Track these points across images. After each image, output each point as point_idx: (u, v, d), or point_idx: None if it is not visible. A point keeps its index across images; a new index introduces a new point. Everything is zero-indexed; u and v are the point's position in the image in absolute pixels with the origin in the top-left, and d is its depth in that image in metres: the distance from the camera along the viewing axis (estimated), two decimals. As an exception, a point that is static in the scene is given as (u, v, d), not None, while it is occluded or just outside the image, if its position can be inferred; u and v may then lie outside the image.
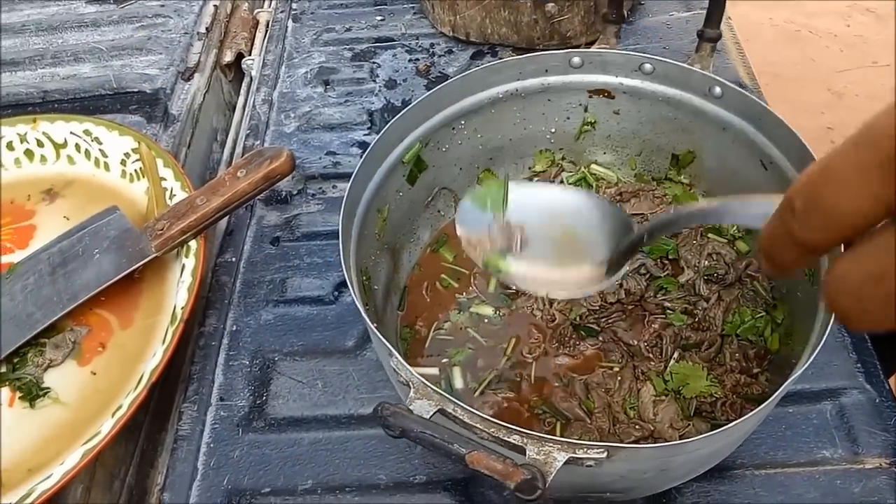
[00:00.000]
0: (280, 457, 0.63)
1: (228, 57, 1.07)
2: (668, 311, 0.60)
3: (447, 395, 0.44)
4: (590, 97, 0.67)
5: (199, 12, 1.08)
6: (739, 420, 0.43)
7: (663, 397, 0.55)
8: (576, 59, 0.64)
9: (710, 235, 0.64)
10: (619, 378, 0.58)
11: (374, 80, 0.95)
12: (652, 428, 0.54)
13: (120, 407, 0.62)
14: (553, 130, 0.71)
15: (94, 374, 0.68)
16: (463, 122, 0.67)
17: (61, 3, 1.13)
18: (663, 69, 0.62)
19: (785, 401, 0.61)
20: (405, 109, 0.63)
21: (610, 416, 0.56)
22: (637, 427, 0.55)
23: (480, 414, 0.43)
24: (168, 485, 0.63)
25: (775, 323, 0.59)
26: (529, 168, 0.73)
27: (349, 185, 0.58)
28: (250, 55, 1.07)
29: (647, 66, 0.62)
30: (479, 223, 0.48)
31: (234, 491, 0.61)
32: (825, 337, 0.46)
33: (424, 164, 0.67)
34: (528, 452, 0.41)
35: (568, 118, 0.69)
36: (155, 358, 0.64)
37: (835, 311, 0.28)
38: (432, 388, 0.44)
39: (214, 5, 1.10)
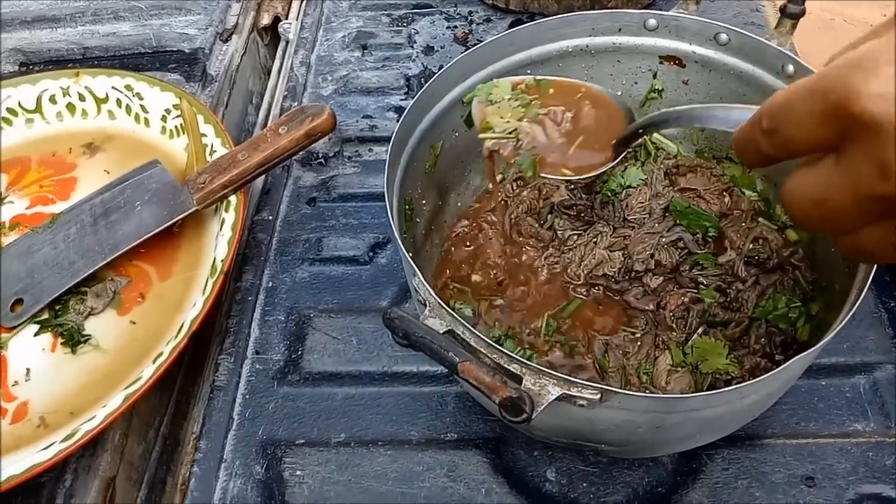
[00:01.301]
0: (314, 410, 0.64)
1: (266, 20, 1.07)
2: (702, 286, 0.59)
3: (458, 318, 0.45)
4: (660, 63, 0.66)
5: (238, -26, 1.08)
6: (745, 384, 0.43)
7: (679, 368, 0.55)
8: (651, 21, 0.63)
9: (760, 220, 0.63)
10: (638, 343, 0.58)
11: (412, 46, 0.95)
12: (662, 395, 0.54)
13: (160, 354, 0.63)
14: (619, 93, 0.68)
15: (134, 323, 0.70)
16: (529, 72, 0.65)
17: (101, -39, 1.14)
18: (739, 41, 0.61)
19: (818, 373, 0.61)
20: (473, 48, 0.62)
21: (623, 378, 0.56)
22: (647, 392, 0.55)
23: (486, 339, 0.44)
24: (204, 433, 0.64)
25: (809, 315, 0.58)
26: None
27: (405, 113, 0.58)
28: (287, 19, 1.07)
29: (723, 37, 0.61)
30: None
31: (269, 441, 0.63)
32: (857, 304, 0.46)
33: None
34: (524, 381, 0.42)
35: (636, 83, 0.68)
36: (195, 308, 0.65)
37: (791, 217, 0.36)
38: (446, 310, 0.45)
39: (252, -33, 1.10)
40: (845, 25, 2.65)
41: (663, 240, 0.62)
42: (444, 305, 0.45)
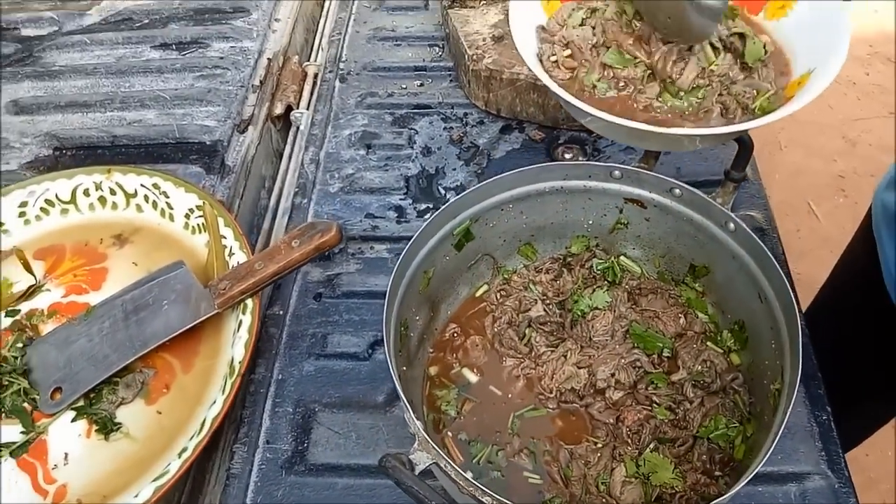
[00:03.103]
0: (317, 498, 0.74)
1: (279, 109, 1.17)
2: (655, 404, 0.69)
3: (442, 454, 0.54)
4: (625, 203, 0.76)
5: (255, 65, 1.18)
6: None
7: (633, 480, 0.65)
8: (616, 172, 0.73)
9: (708, 343, 0.73)
10: (598, 454, 0.67)
11: (412, 147, 1.05)
12: (616, 504, 0.64)
13: (185, 449, 0.72)
14: (591, 222, 0.79)
15: (160, 413, 0.79)
16: (511, 206, 0.76)
17: (129, 47, 1.24)
18: (689, 196, 0.71)
19: (755, 481, 0.70)
20: (462, 194, 0.72)
21: (583, 487, 0.66)
22: (604, 501, 0.64)
23: (464, 474, 0.53)
24: (220, 516, 0.73)
25: (745, 435, 0.67)
26: (566, 248, 0.82)
27: (401, 256, 0.67)
28: (298, 107, 1.17)
29: (676, 191, 0.71)
30: None
31: (277, 526, 0.72)
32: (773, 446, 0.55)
33: (472, 236, 0.77)
34: None
35: (605, 215, 0.78)
36: (215, 406, 0.74)
37: None
38: (432, 444, 0.55)
39: (268, 58, 1.20)
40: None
41: (623, 360, 0.71)
42: (430, 441, 0.55)
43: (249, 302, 0.82)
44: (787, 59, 0.66)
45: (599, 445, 0.69)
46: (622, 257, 0.79)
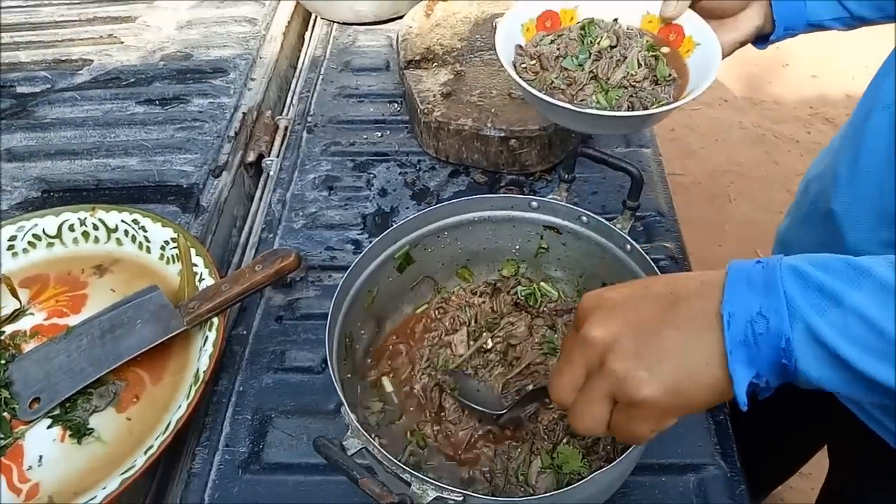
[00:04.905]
0: (270, 493, 0.81)
1: (251, 157, 1.28)
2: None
3: (370, 439, 0.63)
4: (544, 230, 0.87)
5: (230, 118, 1.31)
6: (572, 487, 0.62)
7: (547, 470, 0.74)
8: (534, 203, 0.85)
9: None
10: (519, 450, 0.76)
11: (370, 189, 1.17)
12: (531, 492, 0.72)
13: (151, 447, 0.80)
14: (517, 247, 0.90)
15: (129, 419, 0.87)
16: (446, 233, 0.87)
17: (115, 102, 1.36)
18: (595, 223, 0.82)
19: (659, 471, 0.79)
20: (402, 222, 0.83)
21: (505, 478, 0.74)
22: (521, 489, 0.73)
23: (388, 455, 0.62)
24: (181, 511, 0.81)
25: None
26: (499, 271, 0.93)
27: (345, 275, 0.77)
28: (269, 155, 1.29)
29: (584, 219, 0.83)
30: None
31: (233, 518, 0.79)
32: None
33: (412, 260, 0.87)
34: (411, 485, 0.60)
35: (528, 241, 0.89)
36: (180, 409, 0.83)
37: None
38: (361, 431, 0.64)
39: (243, 112, 1.33)
40: (775, 140, 2.97)
41: (538, 376, 0.81)
42: (361, 428, 0.64)
43: (216, 320, 0.91)
44: (683, 83, 0.87)
45: (519, 442, 0.78)
46: (542, 283, 0.90)
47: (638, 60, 0.87)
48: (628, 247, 0.79)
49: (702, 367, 0.50)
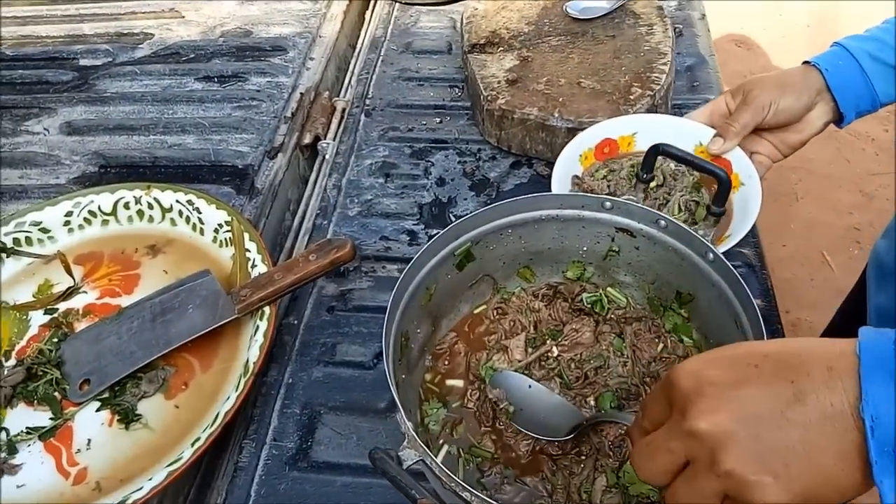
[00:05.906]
0: (317, 493, 0.78)
1: (307, 139, 1.25)
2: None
3: (428, 451, 0.59)
4: (616, 232, 0.81)
5: (288, 98, 1.28)
6: None
7: (613, 490, 0.68)
8: (607, 204, 0.79)
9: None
10: (582, 466, 0.71)
11: (427, 177, 1.12)
12: (596, 511, 0.68)
13: (198, 439, 0.78)
14: (585, 248, 0.84)
15: (178, 407, 0.85)
16: (510, 231, 0.82)
17: (174, 78, 1.34)
18: (673, 227, 0.76)
19: None
20: (464, 217, 0.78)
21: (567, 495, 0.70)
22: None
23: (446, 470, 0.58)
24: (226, 505, 0.79)
25: None
26: (563, 273, 0.87)
27: (404, 271, 0.73)
28: (325, 138, 1.26)
29: (662, 223, 0.77)
30: None
31: (278, 517, 0.77)
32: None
33: (473, 257, 0.82)
34: None
35: (598, 242, 0.83)
36: (229, 401, 0.80)
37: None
38: (419, 441, 0.60)
39: (301, 93, 1.29)
40: (848, 137, 2.81)
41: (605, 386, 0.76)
42: (419, 440, 0.60)
43: (267, 309, 0.88)
44: (727, 220, 0.93)
45: (583, 457, 0.73)
46: (609, 288, 0.85)
47: (679, 205, 0.94)
48: (710, 255, 0.72)
49: (837, 472, 0.43)
